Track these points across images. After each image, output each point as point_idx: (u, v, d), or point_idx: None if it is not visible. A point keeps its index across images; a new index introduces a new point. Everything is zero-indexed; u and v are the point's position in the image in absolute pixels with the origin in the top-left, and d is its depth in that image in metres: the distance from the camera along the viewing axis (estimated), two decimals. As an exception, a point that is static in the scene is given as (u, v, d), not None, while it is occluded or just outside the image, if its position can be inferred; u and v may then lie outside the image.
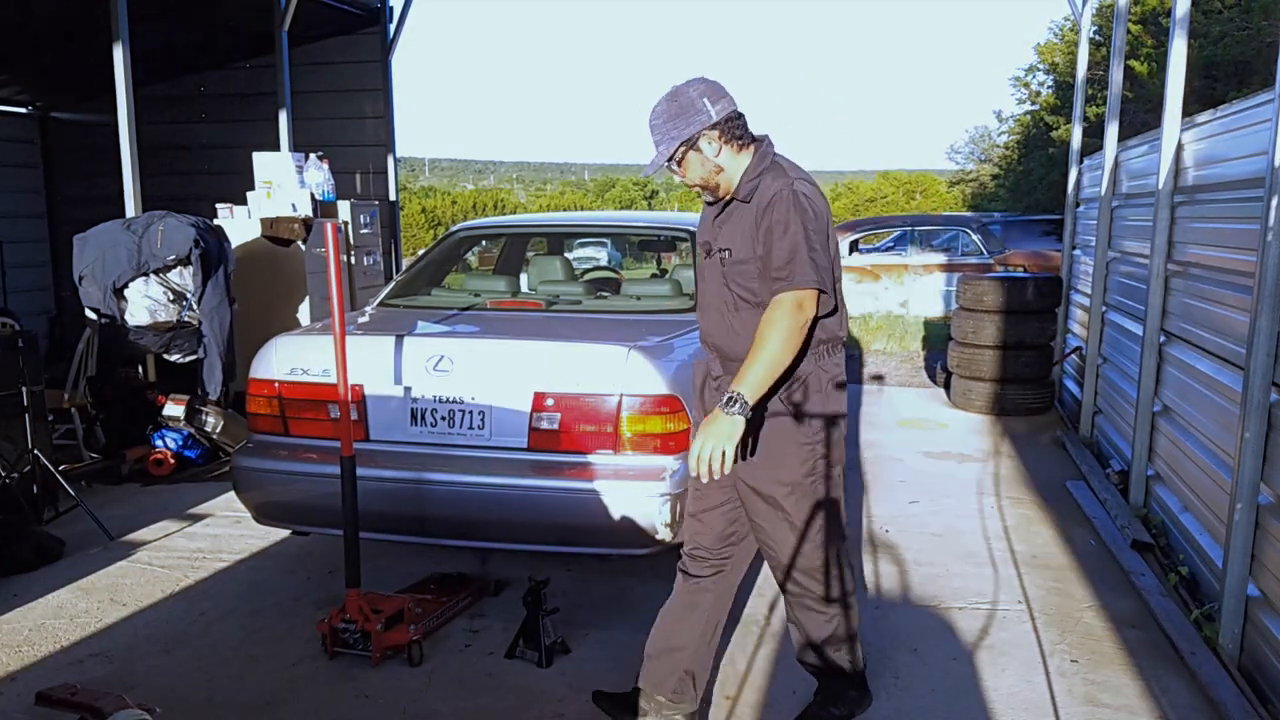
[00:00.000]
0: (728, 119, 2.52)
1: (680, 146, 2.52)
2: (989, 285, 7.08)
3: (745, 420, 2.39)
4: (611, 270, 7.53)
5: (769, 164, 2.56)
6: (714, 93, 2.53)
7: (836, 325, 2.61)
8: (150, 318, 5.81)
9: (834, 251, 2.57)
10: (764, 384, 2.42)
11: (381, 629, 3.21)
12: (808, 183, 2.55)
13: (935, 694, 3.04)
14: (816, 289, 2.43)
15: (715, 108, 2.51)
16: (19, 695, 3.04)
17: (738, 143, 2.55)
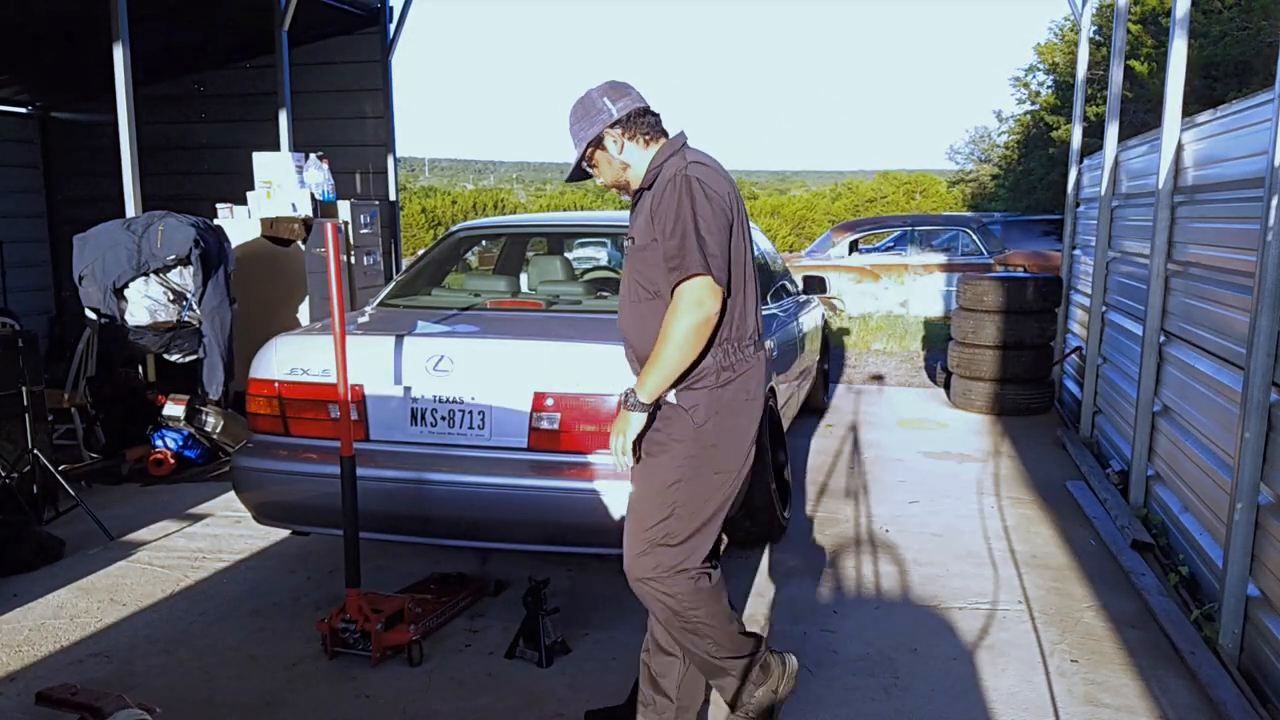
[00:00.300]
0: (630, 115, 2.54)
1: (588, 148, 2.56)
2: (989, 285, 7.08)
3: (645, 416, 2.45)
4: (611, 270, 7.52)
5: (674, 151, 2.54)
6: (615, 92, 2.57)
7: (740, 321, 2.51)
8: (150, 318, 5.82)
9: (743, 240, 2.51)
10: (660, 382, 2.42)
11: (381, 629, 3.21)
12: (707, 167, 2.49)
13: (935, 694, 3.04)
14: (707, 275, 2.35)
15: (616, 105, 2.54)
16: (19, 695, 3.04)
17: (643, 138, 2.56)
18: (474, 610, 3.66)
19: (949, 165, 33.80)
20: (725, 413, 2.51)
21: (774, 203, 37.91)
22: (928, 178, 39.00)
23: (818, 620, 3.57)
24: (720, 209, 2.43)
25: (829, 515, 4.79)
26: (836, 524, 4.66)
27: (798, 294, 6.30)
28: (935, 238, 13.50)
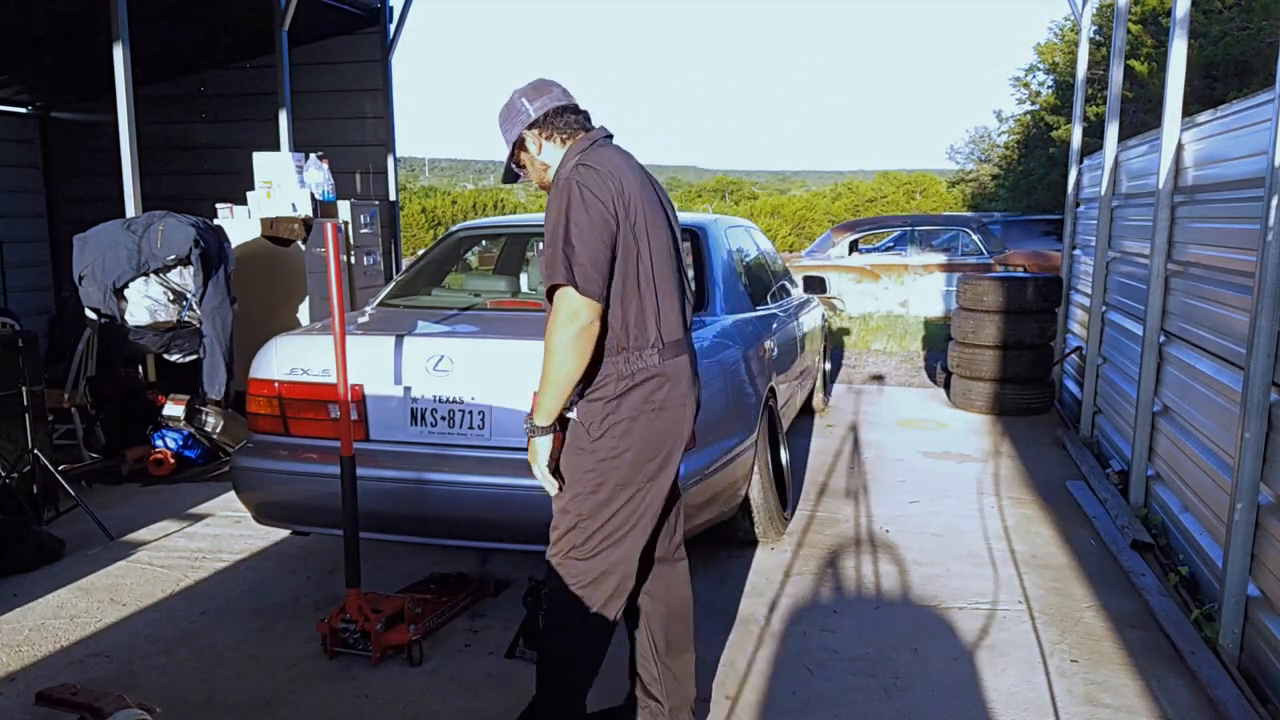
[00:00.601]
0: (547, 115, 2.51)
1: (513, 149, 2.56)
2: (989, 285, 7.08)
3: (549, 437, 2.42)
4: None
5: (578, 152, 2.48)
6: (534, 91, 2.55)
7: (637, 328, 2.41)
8: (150, 318, 5.82)
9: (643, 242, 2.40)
10: (549, 401, 2.37)
11: (381, 629, 3.21)
12: (592, 169, 2.39)
13: (935, 694, 3.04)
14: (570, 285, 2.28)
15: (534, 105, 2.52)
16: (19, 695, 3.04)
17: (560, 137, 2.52)
18: (474, 610, 3.66)
19: (949, 165, 33.81)
20: (626, 424, 2.42)
21: (774, 203, 37.91)
22: (928, 178, 38.99)
23: (818, 620, 3.57)
24: (599, 215, 2.33)
25: (829, 515, 4.79)
26: (836, 524, 4.66)
27: (798, 294, 6.30)
28: (935, 238, 13.50)
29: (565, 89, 2.59)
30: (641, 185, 2.47)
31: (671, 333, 2.47)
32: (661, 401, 2.46)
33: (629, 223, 2.39)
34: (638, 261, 2.41)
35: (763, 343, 4.51)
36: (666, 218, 2.53)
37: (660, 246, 2.47)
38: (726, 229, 5.07)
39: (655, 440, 2.46)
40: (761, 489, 4.14)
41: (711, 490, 3.58)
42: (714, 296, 4.38)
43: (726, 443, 3.74)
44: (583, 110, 2.58)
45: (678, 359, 2.50)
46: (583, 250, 2.31)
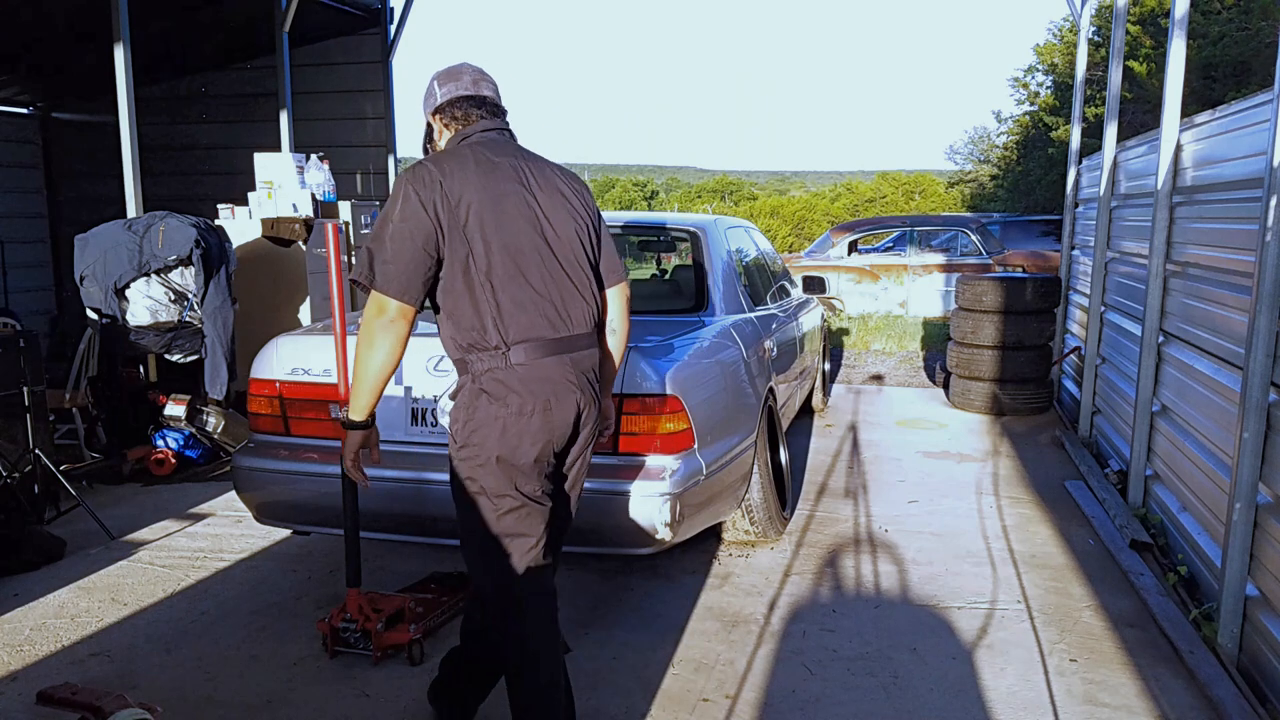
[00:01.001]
0: (449, 102, 2.51)
1: (426, 133, 2.58)
2: (988, 285, 7.09)
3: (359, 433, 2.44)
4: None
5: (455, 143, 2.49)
6: (445, 77, 2.54)
7: (477, 328, 2.36)
8: (151, 318, 5.82)
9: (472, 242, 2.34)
10: (360, 397, 2.38)
11: (382, 628, 3.22)
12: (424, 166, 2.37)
13: (935, 693, 3.05)
14: (370, 284, 2.31)
15: (441, 91, 2.52)
16: (20, 695, 3.04)
17: (455, 125, 2.52)
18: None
19: (948, 166, 33.81)
20: (483, 430, 2.37)
21: (773, 203, 37.92)
22: (927, 178, 38.99)
23: (817, 620, 3.58)
24: (414, 215, 2.31)
25: (828, 515, 4.80)
26: (836, 524, 4.66)
27: (797, 294, 6.31)
28: (934, 238, 13.51)
29: (478, 78, 2.55)
30: (492, 185, 2.39)
31: (524, 334, 2.38)
32: (516, 406, 2.37)
33: (457, 225, 2.33)
34: (469, 263, 2.35)
35: (762, 343, 4.52)
36: (537, 217, 2.43)
37: (512, 246, 2.38)
38: (726, 229, 5.08)
39: (515, 449, 2.38)
40: (761, 489, 4.15)
41: (711, 490, 3.59)
42: (713, 297, 4.39)
43: (726, 443, 3.75)
44: (487, 101, 2.53)
45: (536, 360, 2.39)
46: (390, 248, 2.32)
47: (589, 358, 2.51)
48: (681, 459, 3.40)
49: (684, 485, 3.36)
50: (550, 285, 2.42)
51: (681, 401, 3.40)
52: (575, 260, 2.47)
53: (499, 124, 2.54)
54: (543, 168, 2.53)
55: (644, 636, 3.45)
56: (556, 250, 2.45)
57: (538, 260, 2.41)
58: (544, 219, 2.45)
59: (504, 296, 2.36)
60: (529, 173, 2.48)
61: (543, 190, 2.47)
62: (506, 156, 2.47)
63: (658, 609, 3.68)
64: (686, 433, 3.43)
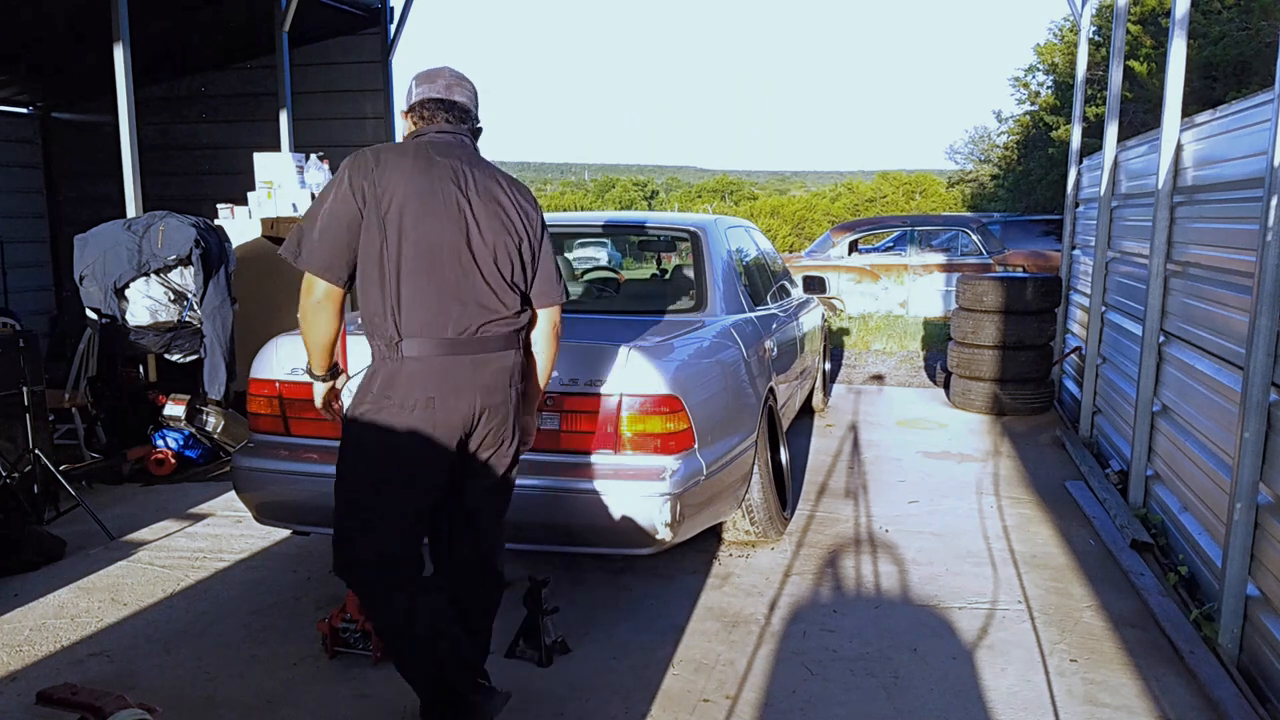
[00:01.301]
0: (420, 102, 2.60)
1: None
2: (988, 285, 7.08)
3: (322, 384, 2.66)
4: (612, 270, 7.53)
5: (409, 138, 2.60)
6: (423, 78, 2.63)
7: (378, 318, 2.45)
8: (151, 318, 5.82)
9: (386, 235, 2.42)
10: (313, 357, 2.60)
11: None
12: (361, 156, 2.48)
13: (935, 693, 3.04)
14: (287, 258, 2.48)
15: (416, 91, 2.62)
16: (19, 695, 3.04)
17: (421, 124, 2.62)
18: (474, 610, 3.66)
19: (949, 165, 33.78)
20: (371, 413, 2.48)
21: (774, 203, 37.93)
22: (927, 178, 39.01)
23: (818, 620, 3.58)
24: (343, 197, 2.43)
25: (829, 515, 4.80)
26: (836, 524, 4.66)
27: (798, 294, 6.30)
28: (935, 238, 13.51)
29: (453, 83, 2.63)
30: (424, 181, 2.45)
31: (418, 329, 2.45)
32: (398, 399, 2.46)
33: (379, 212, 2.42)
34: (382, 251, 2.42)
35: (762, 343, 4.51)
36: (464, 219, 2.48)
37: (426, 242, 2.44)
38: (726, 229, 5.08)
39: (392, 441, 2.46)
40: (761, 489, 4.15)
41: (711, 490, 3.58)
42: (713, 297, 4.39)
43: (726, 443, 3.74)
44: (456, 106, 2.60)
45: (427, 356, 2.45)
46: (315, 228, 2.45)
47: (498, 362, 2.54)
48: (682, 459, 3.40)
49: (684, 485, 3.35)
50: (461, 286, 2.47)
51: (681, 401, 3.40)
52: (496, 268, 2.53)
53: (457, 129, 2.60)
54: (489, 176, 2.57)
55: (644, 636, 3.44)
56: (477, 254, 2.50)
57: (454, 260, 2.47)
58: (471, 222, 2.50)
59: (406, 289, 2.44)
60: (469, 177, 2.53)
61: (478, 196, 2.52)
62: (450, 158, 2.53)
63: (658, 609, 3.68)
64: (686, 433, 3.43)
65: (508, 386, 2.58)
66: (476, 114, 2.68)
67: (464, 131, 2.61)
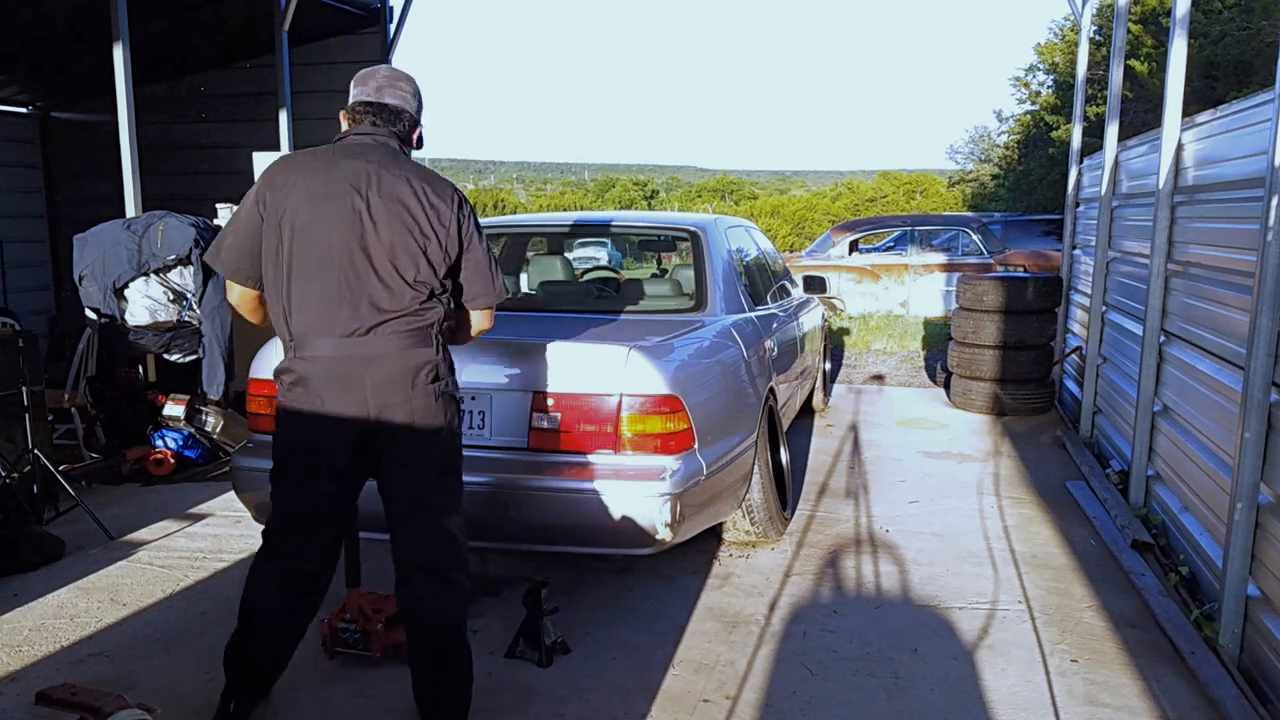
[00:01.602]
0: (352, 105, 2.70)
1: None
2: (989, 285, 7.08)
3: None
4: (612, 270, 7.53)
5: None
6: (360, 79, 2.71)
7: (280, 320, 2.61)
8: (150, 317, 5.82)
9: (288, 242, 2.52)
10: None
11: (382, 629, 3.21)
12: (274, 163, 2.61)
13: (935, 693, 3.04)
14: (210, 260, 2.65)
15: (353, 92, 2.70)
16: (19, 695, 3.04)
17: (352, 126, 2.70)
18: (474, 610, 3.66)
19: (949, 165, 33.79)
20: (280, 404, 2.68)
21: (774, 203, 37.95)
22: (928, 178, 39.03)
23: (818, 620, 3.57)
24: (250, 203, 2.57)
25: (829, 515, 4.79)
26: (836, 524, 4.66)
27: (798, 294, 6.30)
28: (935, 238, 13.51)
29: (384, 85, 2.67)
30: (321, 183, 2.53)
31: (307, 328, 2.55)
32: (300, 400, 2.60)
33: (275, 217, 2.52)
34: (278, 254, 2.54)
35: (763, 343, 4.51)
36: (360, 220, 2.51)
37: (316, 243, 2.51)
38: (726, 229, 5.07)
39: (294, 436, 2.64)
40: (762, 489, 4.15)
41: (711, 490, 3.58)
42: (713, 296, 4.38)
43: (727, 443, 3.74)
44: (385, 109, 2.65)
45: (315, 355, 2.56)
46: (228, 231, 2.62)
47: (396, 362, 2.56)
48: (682, 459, 3.40)
49: (684, 485, 3.35)
50: (353, 287, 2.51)
51: (682, 401, 3.40)
52: (394, 268, 2.54)
53: (378, 131, 2.64)
54: (397, 177, 2.57)
55: (644, 637, 3.44)
56: (373, 255, 2.52)
57: (345, 262, 2.51)
58: (368, 223, 2.52)
59: (296, 291, 2.53)
60: (373, 178, 2.55)
61: (379, 197, 2.54)
62: (359, 160, 2.57)
63: (658, 609, 3.68)
64: (687, 433, 3.42)
65: (409, 386, 2.58)
66: (414, 113, 2.72)
67: (386, 134, 2.65)
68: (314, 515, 2.70)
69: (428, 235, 2.57)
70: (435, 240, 2.58)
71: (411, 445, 2.64)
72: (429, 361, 2.61)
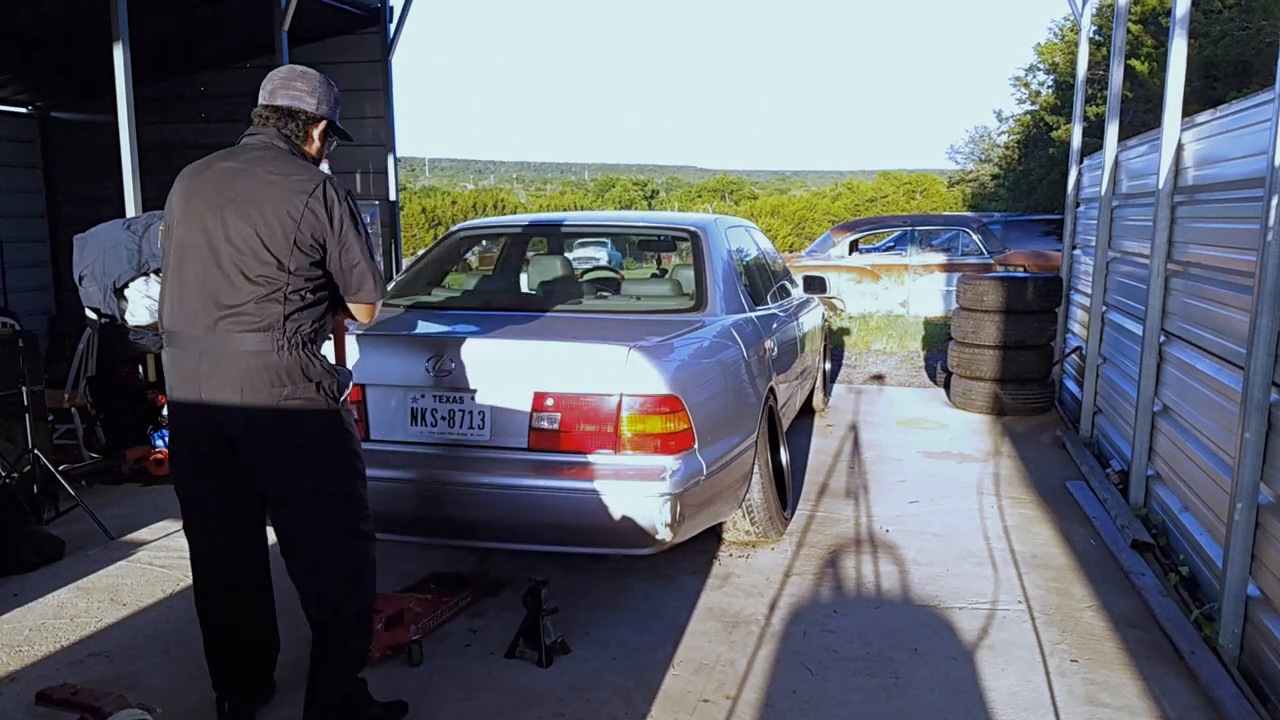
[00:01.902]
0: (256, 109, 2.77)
1: None
2: (989, 285, 7.08)
3: None
4: (612, 270, 7.53)
5: None
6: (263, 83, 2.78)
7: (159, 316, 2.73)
8: (150, 317, 5.81)
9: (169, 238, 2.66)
10: None
11: (382, 629, 3.21)
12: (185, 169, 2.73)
13: (935, 694, 3.04)
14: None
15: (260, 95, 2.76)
16: (19, 695, 3.04)
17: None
18: (474, 610, 3.66)
19: (949, 165, 33.80)
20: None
21: (774, 203, 37.96)
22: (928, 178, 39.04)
23: (818, 620, 3.57)
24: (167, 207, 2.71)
25: (829, 515, 4.79)
26: (836, 524, 4.66)
27: (798, 294, 6.30)
28: (935, 238, 13.51)
29: (277, 87, 2.72)
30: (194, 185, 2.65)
31: (171, 324, 2.64)
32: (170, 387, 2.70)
33: (167, 220, 2.69)
34: (165, 256, 2.68)
35: (763, 343, 4.51)
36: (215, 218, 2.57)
37: (182, 242, 2.61)
38: (726, 229, 5.07)
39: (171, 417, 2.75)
40: (762, 489, 4.15)
41: (711, 490, 3.58)
42: (713, 296, 4.38)
43: (727, 443, 3.74)
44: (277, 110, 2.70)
45: (174, 350, 2.64)
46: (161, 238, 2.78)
47: (239, 361, 2.56)
48: (682, 459, 3.40)
49: (684, 485, 3.35)
50: (202, 283, 2.57)
51: (682, 401, 3.40)
52: (237, 267, 2.54)
53: (265, 131, 2.70)
54: (257, 174, 2.59)
55: (644, 637, 3.44)
56: (220, 253, 2.56)
57: (198, 258, 2.58)
58: (220, 221, 2.57)
59: (167, 287, 2.65)
60: (235, 176, 2.61)
61: (235, 194, 2.58)
62: (230, 160, 2.65)
63: (658, 609, 3.68)
64: (686, 433, 3.42)
65: (239, 389, 2.56)
66: (313, 110, 2.74)
67: (273, 134, 2.69)
68: (199, 508, 2.78)
69: (273, 229, 2.55)
70: (281, 234, 2.54)
71: (252, 454, 2.62)
72: (267, 365, 2.55)
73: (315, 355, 2.64)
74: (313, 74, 2.77)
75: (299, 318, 2.59)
